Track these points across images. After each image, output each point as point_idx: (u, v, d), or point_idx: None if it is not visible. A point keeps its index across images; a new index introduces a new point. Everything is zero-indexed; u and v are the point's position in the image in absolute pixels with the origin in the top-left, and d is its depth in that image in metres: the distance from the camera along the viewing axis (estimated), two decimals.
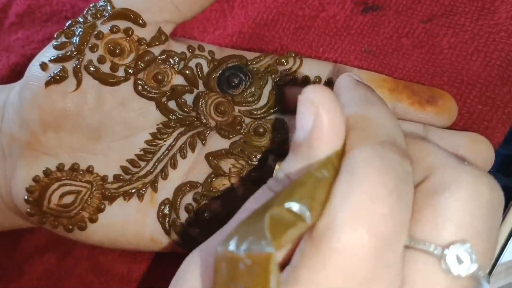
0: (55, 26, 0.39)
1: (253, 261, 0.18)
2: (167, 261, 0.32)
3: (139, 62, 0.28)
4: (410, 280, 0.20)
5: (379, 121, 0.21)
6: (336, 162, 0.20)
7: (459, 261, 0.19)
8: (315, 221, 0.19)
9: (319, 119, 0.20)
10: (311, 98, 0.21)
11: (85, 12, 0.29)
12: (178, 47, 0.29)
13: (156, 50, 0.29)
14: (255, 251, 0.18)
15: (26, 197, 0.28)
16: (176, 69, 0.29)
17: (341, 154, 0.20)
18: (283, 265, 0.20)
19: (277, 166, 0.24)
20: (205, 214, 0.28)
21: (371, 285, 0.18)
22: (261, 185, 0.22)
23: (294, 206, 0.19)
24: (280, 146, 0.29)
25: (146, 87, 0.28)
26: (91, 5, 0.29)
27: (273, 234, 0.18)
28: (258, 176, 0.28)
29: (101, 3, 0.29)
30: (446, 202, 0.20)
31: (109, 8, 0.28)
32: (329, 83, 0.29)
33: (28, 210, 0.28)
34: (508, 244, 0.29)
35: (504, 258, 0.29)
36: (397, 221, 0.19)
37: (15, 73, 0.38)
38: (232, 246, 0.19)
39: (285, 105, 0.29)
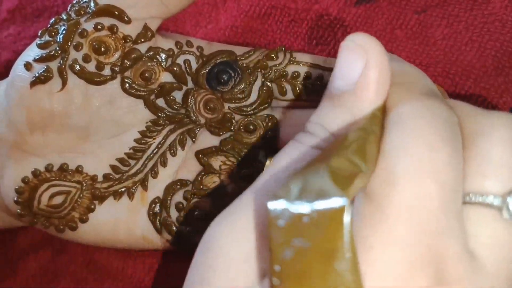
0: (47, 22, 0.38)
1: (323, 216, 0.17)
2: (162, 257, 0.32)
3: (125, 60, 0.28)
4: (472, 234, 0.18)
5: (417, 75, 0.20)
6: (381, 117, 0.19)
7: None
8: (369, 177, 0.18)
9: (368, 67, 0.19)
10: (361, 44, 0.19)
11: (68, 8, 0.28)
12: (165, 43, 0.29)
13: (142, 47, 0.28)
14: (324, 206, 0.17)
15: (15, 198, 0.28)
16: (164, 66, 0.28)
17: (383, 109, 0.19)
18: None
19: (268, 162, 0.23)
20: (196, 212, 0.28)
21: (443, 238, 0.17)
22: (252, 182, 0.21)
23: (354, 158, 0.18)
24: (271, 143, 0.28)
25: (133, 85, 0.28)
26: (74, 1, 0.28)
27: (340, 186, 0.17)
28: (249, 173, 0.28)
29: None
30: (486, 148, 0.19)
31: (92, 4, 0.28)
32: (320, 79, 0.28)
33: (18, 211, 0.28)
34: None
35: None
36: (456, 169, 0.18)
37: (8, 70, 0.38)
38: (291, 204, 0.18)
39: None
